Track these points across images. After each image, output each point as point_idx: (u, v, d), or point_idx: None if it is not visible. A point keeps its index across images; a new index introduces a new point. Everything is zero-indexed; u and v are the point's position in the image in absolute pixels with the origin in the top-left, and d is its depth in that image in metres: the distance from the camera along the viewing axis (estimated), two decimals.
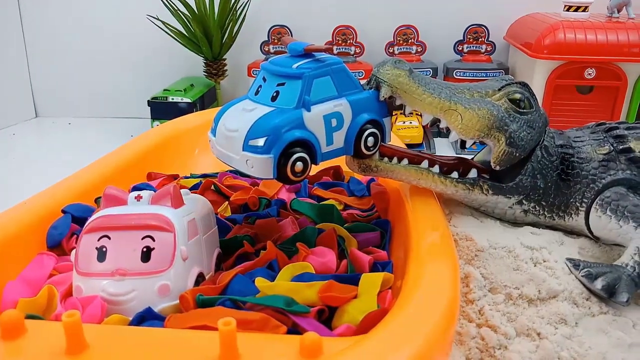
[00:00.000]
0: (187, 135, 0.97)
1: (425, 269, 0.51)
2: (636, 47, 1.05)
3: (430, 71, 1.30)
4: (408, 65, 0.62)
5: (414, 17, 1.38)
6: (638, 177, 0.65)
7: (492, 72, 1.28)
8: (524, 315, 0.57)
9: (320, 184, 0.81)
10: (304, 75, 0.56)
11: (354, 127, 0.60)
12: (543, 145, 0.66)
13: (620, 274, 0.59)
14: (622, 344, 0.54)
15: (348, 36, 1.36)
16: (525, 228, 0.67)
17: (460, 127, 0.62)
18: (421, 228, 0.59)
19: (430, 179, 0.65)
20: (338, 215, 0.70)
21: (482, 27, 1.33)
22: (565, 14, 1.17)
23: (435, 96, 0.62)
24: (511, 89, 0.64)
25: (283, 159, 0.54)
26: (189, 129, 0.99)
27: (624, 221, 0.61)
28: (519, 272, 0.60)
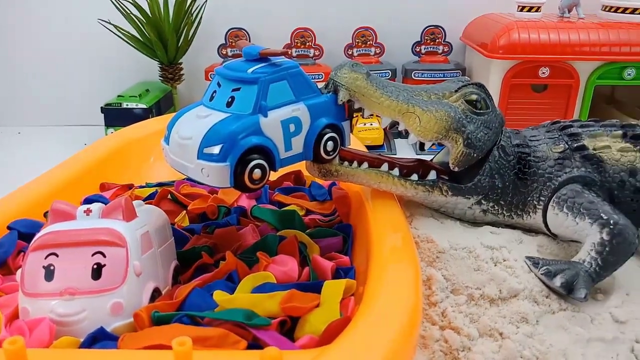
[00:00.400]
0: (143, 143, 0.94)
1: (386, 273, 0.50)
2: (587, 46, 1.08)
3: (390, 72, 1.30)
4: (365, 68, 0.62)
5: (372, 18, 1.38)
6: (592, 174, 0.66)
7: (449, 72, 1.29)
8: (486, 316, 0.57)
9: (281, 190, 0.80)
10: (259, 80, 0.55)
11: (313, 132, 0.59)
12: (500, 145, 0.66)
13: (578, 270, 0.60)
14: (581, 339, 0.55)
15: (307, 38, 1.35)
16: (485, 228, 0.68)
17: (418, 130, 0.62)
18: (382, 231, 0.59)
19: (391, 182, 0.65)
20: (300, 221, 0.69)
21: (439, 28, 1.35)
22: (519, 14, 1.20)
23: (393, 99, 0.61)
24: (467, 90, 0.65)
25: (240, 166, 0.53)
26: (144, 135, 0.96)
27: (580, 218, 0.62)
28: (480, 273, 0.60)
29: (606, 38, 1.08)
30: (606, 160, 0.66)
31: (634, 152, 0.67)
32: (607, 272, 0.60)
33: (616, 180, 0.66)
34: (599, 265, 0.60)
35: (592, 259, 0.60)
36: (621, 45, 1.08)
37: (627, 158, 0.66)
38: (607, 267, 0.60)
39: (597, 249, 0.60)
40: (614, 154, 0.66)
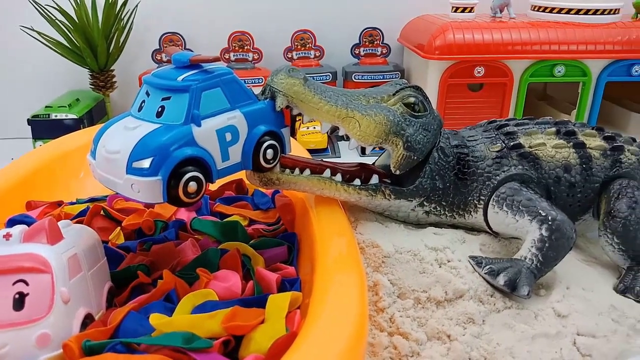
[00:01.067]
0: (72, 156, 0.89)
1: (331, 283, 0.49)
2: (519, 45, 1.11)
3: (330, 75, 1.29)
4: (302, 73, 0.60)
5: (311, 21, 1.37)
6: (529, 171, 0.67)
7: (389, 74, 1.30)
8: (433, 319, 0.57)
9: (223, 200, 0.77)
10: (190, 87, 0.52)
11: (251, 140, 0.57)
12: (439, 147, 0.66)
13: (520, 267, 0.61)
14: (526, 336, 0.56)
15: (245, 42, 1.33)
16: (428, 229, 0.68)
17: (358, 134, 0.62)
18: (327, 239, 0.57)
19: (334, 188, 0.64)
20: (243, 232, 0.67)
21: (377, 30, 1.35)
22: (453, 15, 1.22)
23: (332, 104, 0.60)
24: (405, 93, 0.64)
25: (173, 180, 0.50)
26: (74, 148, 0.90)
27: (520, 215, 0.63)
28: (426, 275, 0.60)
29: (536, 37, 1.12)
30: (542, 158, 0.68)
31: (568, 148, 0.69)
32: (548, 267, 0.62)
33: (552, 177, 0.68)
34: (539, 261, 0.61)
35: (533, 255, 0.61)
36: (551, 43, 1.12)
37: (562, 154, 0.68)
38: (547, 262, 0.61)
39: (537, 245, 0.61)
40: (548, 151, 0.68)
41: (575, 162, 0.68)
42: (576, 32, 1.13)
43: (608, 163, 0.70)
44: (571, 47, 1.12)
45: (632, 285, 0.65)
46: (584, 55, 1.13)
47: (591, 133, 0.71)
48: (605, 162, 0.70)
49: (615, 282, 0.67)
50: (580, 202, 0.70)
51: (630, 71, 1.15)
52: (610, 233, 0.67)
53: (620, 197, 0.67)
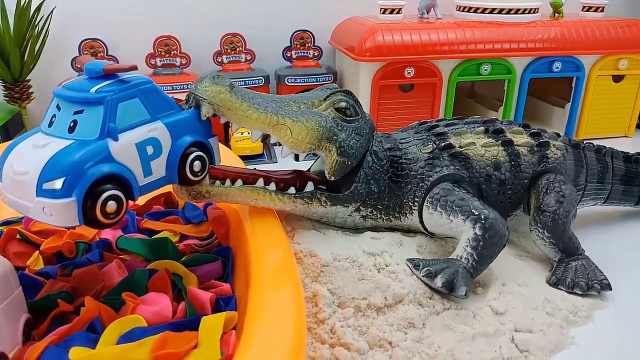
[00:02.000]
0: None
1: (266, 299, 0.47)
2: (446, 45, 1.14)
3: (263, 79, 1.27)
4: (228, 79, 0.58)
5: (240, 24, 1.34)
6: (461, 171, 0.68)
7: (321, 76, 1.29)
8: (374, 326, 0.56)
9: (151, 215, 0.73)
10: (105, 99, 0.48)
11: (176, 152, 0.54)
12: (372, 151, 0.66)
13: (457, 267, 0.61)
14: (466, 337, 0.56)
15: (171, 47, 1.28)
16: (366, 234, 0.67)
17: (290, 141, 0.60)
18: (262, 251, 0.55)
19: (268, 198, 0.62)
20: (173, 249, 0.64)
21: (308, 33, 1.34)
22: (382, 17, 1.22)
23: (262, 111, 0.58)
24: (336, 97, 0.63)
25: (90, 200, 0.46)
26: None
27: (453, 215, 0.63)
28: (365, 282, 0.59)
29: (462, 37, 1.14)
30: (472, 157, 0.69)
31: (497, 147, 0.70)
32: (484, 265, 0.62)
33: (483, 175, 0.69)
34: (475, 260, 0.61)
35: (468, 254, 0.61)
36: (476, 43, 1.14)
37: (491, 153, 0.69)
38: (483, 260, 0.62)
39: (472, 244, 0.61)
40: (478, 150, 0.69)
41: (504, 160, 0.70)
42: (500, 31, 1.17)
43: (535, 159, 0.72)
44: (496, 45, 1.16)
45: (564, 277, 0.67)
46: (508, 54, 1.17)
47: (518, 130, 0.73)
48: (532, 158, 0.71)
49: (547, 275, 0.69)
50: (511, 198, 0.71)
51: (552, 67, 1.20)
52: (540, 227, 0.69)
53: (548, 192, 0.69)
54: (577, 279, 0.66)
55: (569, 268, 0.68)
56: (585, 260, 0.69)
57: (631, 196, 0.84)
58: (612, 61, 1.22)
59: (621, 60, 1.22)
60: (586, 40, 1.19)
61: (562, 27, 1.20)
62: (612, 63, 1.23)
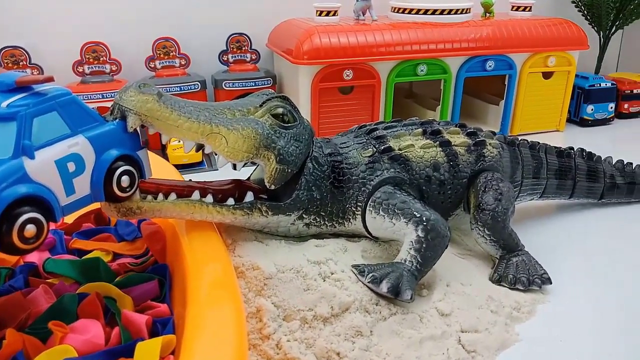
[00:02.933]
0: None
1: (205, 319, 0.44)
2: (383, 47, 1.14)
3: (199, 84, 1.23)
4: (156, 88, 0.54)
5: (173, 29, 1.30)
6: (401, 173, 0.68)
7: (260, 80, 1.26)
8: (321, 338, 0.54)
9: (81, 234, 0.68)
10: (18, 114, 0.44)
11: (101, 168, 0.51)
12: (313, 157, 0.64)
13: (401, 270, 0.60)
14: (414, 341, 0.56)
15: (100, 53, 1.22)
16: (310, 242, 0.66)
17: (226, 151, 0.57)
18: (199, 268, 0.53)
19: (205, 211, 0.59)
20: (106, 269, 0.60)
21: (244, 36, 1.32)
22: (318, 19, 1.21)
23: (194, 120, 0.55)
24: (272, 103, 0.61)
25: (5, 225, 0.42)
26: None
27: (396, 218, 0.63)
28: (310, 292, 0.58)
29: (398, 38, 1.15)
30: (412, 159, 0.68)
31: (435, 148, 0.70)
32: (428, 267, 0.62)
33: (423, 177, 0.69)
34: (419, 262, 0.61)
35: (412, 257, 0.61)
36: (412, 44, 1.16)
37: (430, 154, 0.70)
38: (426, 262, 0.61)
39: (415, 246, 0.61)
40: (417, 152, 0.69)
41: (443, 161, 0.70)
42: (434, 32, 1.18)
43: (473, 158, 0.72)
44: (431, 46, 1.17)
45: (506, 274, 0.68)
46: (443, 54, 1.18)
47: (455, 130, 0.74)
48: (470, 158, 0.72)
49: (490, 273, 0.70)
50: (451, 198, 0.71)
51: (485, 66, 1.23)
52: (481, 225, 0.69)
53: (486, 190, 0.70)
54: (518, 275, 0.67)
55: (510, 264, 0.69)
56: (526, 256, 0.70)
57: (565, 189, 0.87)
58: (542, 59, 1.27)
59: (550, 58, 1.27)
60: (516, 38, 1.23)
61: (493, 27, 1.23)
62: (541, 60, 1.27)
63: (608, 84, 1.42)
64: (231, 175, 0.67)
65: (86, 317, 0.51)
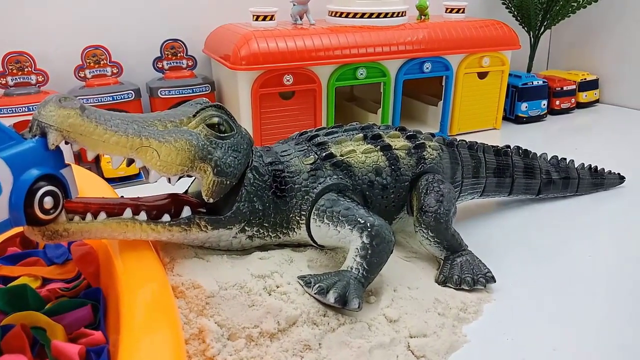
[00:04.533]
0: None
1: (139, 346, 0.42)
2: (322, 51, 1.13)
3: (133, 93, 1.18)
4: (78, 101, 0.51)
5: (102, 36, 1.24)
6: (344, 179, 0.67)
7: (198, 86, 1.23)
8: (268, 355, 0.52)
9: (5, 259, 0.63)
10: None
11: (20, 190, 0.47)
12: (253, 167, 0.62)
13: (348, 279, 0.59)
14: (363, 351, 0.54)
15: (24, 64, 1.14)
16: (254, 255, 0.64)
17: (158, 165, 0.54)
18: (133, 290, 0.49)
19: (139, 229, 0.56)
20: (34, 297, 0.55)
21: (179, 42, 1.27)
22: (255, 24, 1.19)
23: (121, 134, 0.52)
24: (207, 113, 0.59)
25: None
26: None
27: (340, 226, 0.62)
28: (255, 308, 0.55)
29: (337, 42, 1.15)
30: (354, 165, 0.68)
31: (376, 152, 0.70)
32: (374, 274, 0.61)
33: (366, 182, 0.68)
34: (365, 269, 0.60)
35: (358, 264, 0.60)
36: (350, 47, 1.15)
37: (372, 159, 0.69)
38: (372, 269, 0.61)
39: (361, 253, 0.60)
40: (359, 157, 0.68)
41: (384, 165, 0.70)
42: (372, 35, 1.19)
43: (413, 161, 0.73)
44: (369, 49, 1.17)
45: (451, 275, 0.68)
46: (382, 57, 1.19)
47: (395, 134, 0.73)
48: (411, 161, 0.72)
49: (435, 274, 0.70)
50: (394, 202, 0.71)
51: (423, 68, 1.25)
52: (424, 228, 0.69)
53: (428, 192, 0.70)
54: (463, 275, 0.68)
55: (455, 265, 0.69)
56: (469, 256, 0.71)
57: (504, 187, 0.89)
58: (476, 59, 1.30)
59: (484, 58, 1.31)
60: (451, 40, 1.25)
61: (429, 29, 1.25)
62: (476, 61, 1.30)
63: (540, 82, 1.47)
64: (169, 188, 0.64)
65: (11, 352, 0.47)
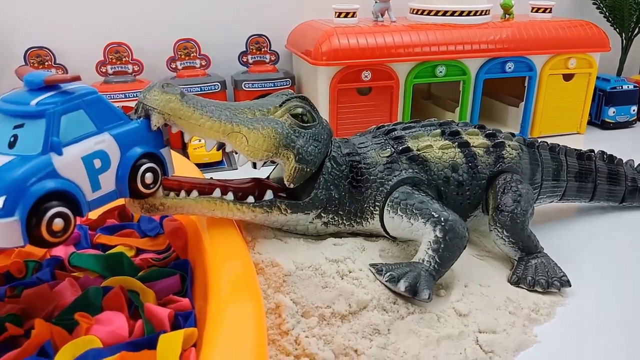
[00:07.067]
0: None
1: (225, 314, 0.45)
2: (401, 48, 1.14)
3: (219, 85, 1.25)
4: (179, 88, 0.56)
5: (193, 30, 1.32)
6: (420, 173, 0.68)
7: (279, 81, 1.28)
8: (339, 335, 0.55)
9: (105, 229, 0.70)
10: (47, 112, 0.46)
11: (126, 165, 0.52)
12: (331, 156, 0.65)
13: (419, 270, 0.61)
14: (431, 341, 0.56)
15: (123, 54, 1.24)
16: (328, 240, 0.66)
17: (247, 150, 0.58)
18: (220, 264, 0.54)
19: (226, 208, 0.60)
20: (129, 264, 0.61)
21: (263, 37, 1.33)
22: (337, 21, 1.22)
23: (215, 119, 0.56)
24: (292, 104, 0.62)
25: (34, 218, 0.44)
26: None
27: (414, 219, 0.63)
28: (328, 290, 0.58)
29: (417, 39, 1.15)
30: (430, 159, 0.69)
31: (453, 149, 0.70)
32: (445, 267, 0.62)
33: (441, 177, 0.69)
34: (437, 263, 0.61)
35: (430, 257, 0.61)
36: (431, 45, 1.16)
37: (448, 155, 0.70)
38: (444, 263, 0.62)
39: (433, 247, 0.61)
40: (436, 153, 0.69)
41: (461, 162, 0.70)
42: (453, 33, 1.18)
43: (492, 159, 0.72)
44: (450, 47, 1.17)
45: (524, 276, 0.67)
46: (462, 55, 1.18)
47: (474, 132, 0.74)
48: (489, 159, 0.72)
49: (508, 274, 0.70)
50: (470, 199, 0.72)
51: (505, 68, 1.23)
52: (499, 227, 0.69)
53: (505, 191, 0.70)
54: (537, 277, 0.67)
55: (529, 266, 0.69)
56: (545, 258, 0.70)
57: (585, 192, 0.86)
58: (562, 60, 1.26)
59: (570, 59, 1.26)
60: (536, 40, 1.22)
61: (513, 28, 1.22)
62: (562, 62, 1.26)
63: (630, 86, 1.40)
64: (250, 174, 0.68)
65: (111, 309, 0.52)
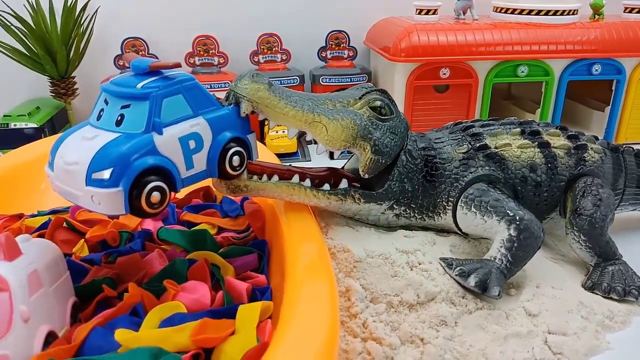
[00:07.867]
0: (33, 166, 0.85)
1: (302, 291, 0.48)
2: (482, 47, 1.13)
3: (298, 79, 1.29)
4: (267, 78, 0.59)
5: (276, 25, 1.36)
6: (496, 171, 0.68)
7: (356, 76, 1.30)
8: (406, 322, 0.56)
9: (190, 208, 0.75)
10: (151, 95, 0.50)
11: (216, 147, 0.56)
12: (407, 150, 0.66)
13: (490, 267, 0.61)
14: (498, 337, 0.56)
15: (210, 46, 1.31)
16: (399, 232, 0.68)
17: (326, 139, 0.61)
18: (297, 245, 0.56)
19: (303, 194, 0.63)
20: (212, 241, 0.66)
21: (343, 33, 1.35)
22: (417, 18, 1.22)
23: (299, 109, 0.59)
24: (371, 96, 0.64)
25: (135, 190, 0.48)
26: (34, 158, 0.87)
27: (488, 216, 0.63)
28: (397, 279, 0.60)
29: (499, 38, 1.13)
30: (508, 158, 0.68)
31: (533, 148, 0.70)
32: (518, 267, 0.62)
33: (518, 177, 0.68)
34: (509, 261, 0.61)
35: (502, 255, 0.61)
36: (513, 44, 1.13)
37: (527, 154, 0.69)
38: (517, 262, 0.61)
39: (506, 245, 0.61)
40: (514, 151, 0.69)
41: (540, 162, 0.69)
42: (538, 33, 1.15)
43: (572, 162, 0.71)
44: (533, 47, 1.14)
45: (600, 282, 0.66)
46: (546, 55, 1.15)
47: (555, 132, 0.72)
48: (569, 161, 0.71)
49: (583, 279, 0.68)
50: (547, 200, 0.70)
51: (591, 70, 1.18)
52: (577, 231, 0.68)
53: (585, 195, 0.68)
54: (613, 284, 0.65)
55: (606, 272, 0.67)
56: (623, 266, 0.68)
57: None
58: None
59: None
60: (628, 42, 1.17)
61: (602, 29, 1.17)
62: None
63: None
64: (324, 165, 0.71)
65: (195, 279, 0.56)
